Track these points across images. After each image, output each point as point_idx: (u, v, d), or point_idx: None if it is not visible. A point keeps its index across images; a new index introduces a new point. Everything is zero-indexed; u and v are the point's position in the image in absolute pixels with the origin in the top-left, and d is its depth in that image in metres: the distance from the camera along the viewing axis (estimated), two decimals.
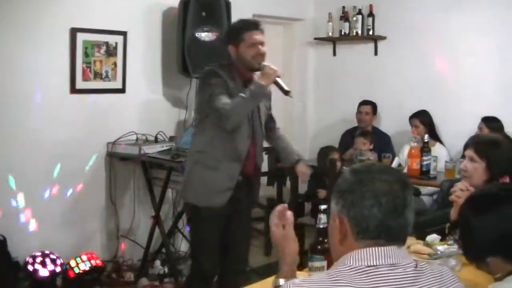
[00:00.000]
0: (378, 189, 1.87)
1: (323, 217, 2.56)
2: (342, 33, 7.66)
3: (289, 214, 2.37)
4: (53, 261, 5.32)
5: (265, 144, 4.65)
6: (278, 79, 4.11)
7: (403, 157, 6.42)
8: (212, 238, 4.29)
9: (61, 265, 5.38)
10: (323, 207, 2.56)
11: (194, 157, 4.27)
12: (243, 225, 4.51)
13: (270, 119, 4.59)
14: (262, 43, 4.17)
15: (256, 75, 4.22)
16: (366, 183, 1.88)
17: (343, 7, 7.63)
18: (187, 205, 4.45)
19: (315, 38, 7.97)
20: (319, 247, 2.56)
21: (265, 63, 4.11)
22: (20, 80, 5.31)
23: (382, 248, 1.85)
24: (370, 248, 1.85)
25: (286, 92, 4.14)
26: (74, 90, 5.68)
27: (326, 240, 2.42)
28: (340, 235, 1.92)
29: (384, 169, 1.96)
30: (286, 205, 2.44)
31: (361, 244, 1.87)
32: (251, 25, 4.23)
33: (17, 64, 5.30)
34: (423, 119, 6.69)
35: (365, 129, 7.03)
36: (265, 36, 4.25)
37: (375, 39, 7.51)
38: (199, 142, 4.28)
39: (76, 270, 5.44)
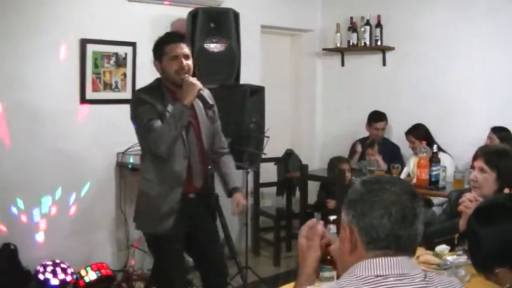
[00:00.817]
0: (387, 199, 1.88)
1: (332, 227, 2.56)
2: (350, 43, 7.65)
3: (320, 227, 2.35)
4: (64, 270, 5.36)
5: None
6: (202, 93, 3.89)
7: (410, 167, 6.42)
8: (176, 261, 4.14)
9: (72, 274, 5.41)
10: (332, 217, 2.57)
11: (141, 185, 4.11)
12: (211, 238, 4.31)
13: (218, 138, 4.33)
14: (186, 56, 3.95)
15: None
16: (376, 194, 1.90)
17: (351, 17, 7.64)
18: (144, 234, 4.24)
19: (323, 49, 7.98)
20: (328, 257, 2.56)
21: (187, 77, 3.89)
22: (30, 90, 5.36)
23: (391, 258, 1.86)
24: (379, 258, 1.86)
25: (210, 106, 3.97)
26: (84, 100, 5.74)
27: None
28: (350, 245, 1.93)
29: (393, 180, 1.98)
30: (315, 219, 2.42)
31: (370, 254, 1.88)
32: (174, 37, 4.05)
33: (27, 75, 5.35)
34: (416, 135, 6.62)
35: (377, 140, 7.01)
36: (188, 48, 4.00)
37: (383, 49, 7.51)
38: (143, 169, 4.10)
39: (86, 280, 5.49)
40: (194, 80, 3.88)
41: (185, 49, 3.97)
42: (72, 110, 5.65)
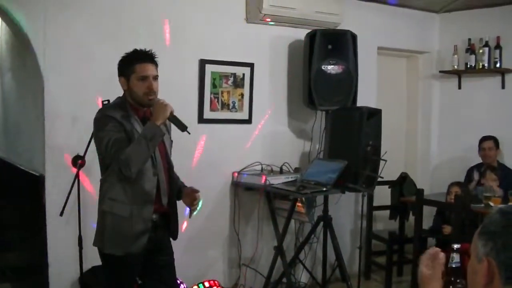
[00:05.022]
0: None
1: (456, 257, 2.50)
2: (468, 65, 7.49)
3: (442, 256, 2.31)
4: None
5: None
6: (175, 114, 3.83)
7: None
8: (131, 284, 4.03)
9: None
10: (456, 245, 2.50)
11: (105, 205, 3.86)
12: (170, 262, 4.17)
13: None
14: (154, 78, 3.86)
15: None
16: None
17: (469, 39, 7.47)
18: (103, 255, 3.93)
19: (440, 71, 7.84)
20: (450, 287, 2.51)
21: (158, 98, 3.81)
22: None
23: None
24: None
25: (183, 128, 3.87)
26: (201, 119, 5.85)
27: (458, 280, 2.37)
28: (486, 279, 1.85)
29: None
30: (438, 249, 2.37)
31: None
32: (144, 56, 3.88)
33: None
34: None
35: (492, 164, 6.82)
36: (158, 70, 3.92)
37: (503, 72, 7.31)
38: (107, 188, 3.87)
39: None
40: (165, 101, 3.81)
41: (155, 69, 3.89)
42: (190, 129, 5.71)
